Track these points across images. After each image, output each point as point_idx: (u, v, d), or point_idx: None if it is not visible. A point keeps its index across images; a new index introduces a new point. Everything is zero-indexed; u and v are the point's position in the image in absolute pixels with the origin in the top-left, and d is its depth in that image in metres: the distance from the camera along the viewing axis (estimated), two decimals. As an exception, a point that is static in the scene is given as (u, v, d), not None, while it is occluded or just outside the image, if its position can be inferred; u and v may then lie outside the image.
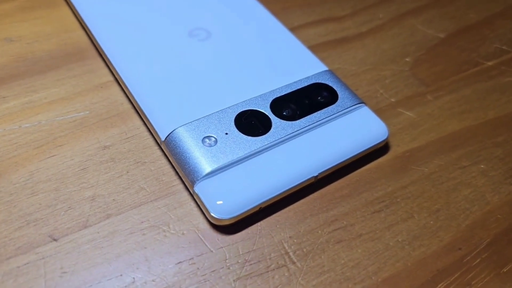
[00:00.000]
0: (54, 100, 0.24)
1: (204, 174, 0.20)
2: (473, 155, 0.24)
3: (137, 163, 0.22)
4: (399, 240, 0.21)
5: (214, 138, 0.22)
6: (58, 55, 0.27)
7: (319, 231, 0.21)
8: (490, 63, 0.30)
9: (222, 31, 0.27)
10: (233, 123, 0.22)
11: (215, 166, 0.20)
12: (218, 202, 0.20)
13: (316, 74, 0.25)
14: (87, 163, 0.22)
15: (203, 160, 0.21)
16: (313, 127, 0.23)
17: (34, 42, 0.27)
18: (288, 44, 0.27)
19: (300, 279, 0.19)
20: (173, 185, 0.22)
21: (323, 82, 0.25)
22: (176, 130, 0.22)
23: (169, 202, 0.21)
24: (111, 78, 0.26)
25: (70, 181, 0.21)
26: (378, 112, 0.26)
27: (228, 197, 0.20)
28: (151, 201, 0.21)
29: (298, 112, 0.23)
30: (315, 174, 0.21)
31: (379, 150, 0.24)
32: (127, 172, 0.22)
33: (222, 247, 0.20)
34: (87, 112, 0.24)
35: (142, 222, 0.20)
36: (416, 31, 0.31)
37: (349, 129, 0.23)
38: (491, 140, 0.25)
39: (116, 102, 0.25)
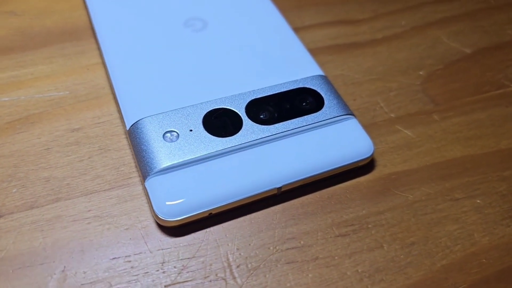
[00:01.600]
0: (39, 77, 0.24)
1: (156, 169, 0.19)
2: (470, 187, 0.22)
3: (101, 149, 0.22)
4: (359, 270, 0.19)
5: (177, 133, 0.20)
6: (55, 33, 0.27)
7: (271, 247, 0.19)
8: (517, 87, 0.26)
9: (219, 23, 0.26)
10: (201, 120, 0.21)
11: (169, 163, 0.19)
12: (167, 202, 0.19)
13: (306, 78, 0.23)
14: (52, 144, 0.22)
15: (158, 155, 0.20)
16: (288, 135, 0.21)
17: (36, 18, 0.27)
18: (287, 43, 0.25)
19: (235, 296, 0.18)
20: (130, 177, 0.21)
21: (311, 87, 0.23)
22: (141, 120, 0.21)
23: (121, 194, 0.20)
24: (99, 60, 0.25)
25: (31, 159, 0.21)
26: (372, 127, 0.24)
27: (177, 198, 0.19)
28: (104, 190, 0.20)
29: (275, 116, 0.22)
30: (278, 186, 0.20)
31: (362, 168, 0.22)
32: (89, 157, 0.21)
33: (162, 249, 0.19)
34: (67, 92, 0.24)
35: (89, 211, 0.20)
36: (439, 43, 0.28)
37: (329, 141, 0.21)
38: (496, 173, 0.22)
39: (98, 85, 0.24)
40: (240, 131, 0.21)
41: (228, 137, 0.20)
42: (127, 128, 0.21)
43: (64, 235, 0.19)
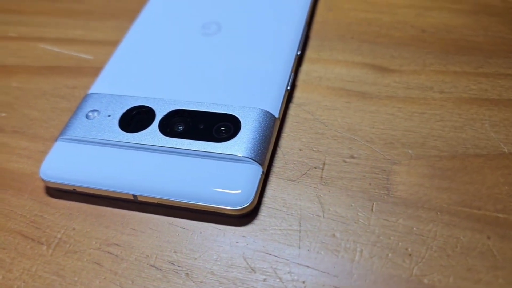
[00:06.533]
0: (87, 41, 0.30)
1: (63, 136, 0.22)
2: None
3: (71, 109, 0.25)
4: None
5: (98, 114, 0.23)
6: (129, 9, 0.31)
7: (96, 243, 0.20)
8: (529, 221, 0.18)
9: (229, 33, 0.26)
10: (123, 110, 0.23)
11: (73, 135, 0.22)
12: (49, 164, 0.21)
13: (247, 107, 0.22)
14: (48, 92, 0.27)
15: (72, 126, 0.22)
16: (179, 153, 0.21)
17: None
18: (273, 69, 0.24)
19: (38, 263, 0.19)
20: (66, 137, 0.24)
21: (238, 117, 0.21)
22: (91, 94, 0.24)
23: (52, 146, 0.24)
24: (132, 40, 0.29)
25: (27, 98, 0.26)
26: (288, 184, 0.20)
27: (57, 165, 0.21)
28: (46, 139, 0.24)
29: (185, 132, 0.21)
30: (134, 193, 0.20)
31: (238, 218, 0.20)
32: (61, 111, 0.25)
33: (33, 199, 0.22)
34: (91, 57, 0.28)
35: (24, 149, 0.24)
36: (473, 128, 0.21)
37: (209, 176, 0.20)
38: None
39: (114, 59, 0.28)
40: (139, 133, 0.21)
41: (126, 133, 0.22)
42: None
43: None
